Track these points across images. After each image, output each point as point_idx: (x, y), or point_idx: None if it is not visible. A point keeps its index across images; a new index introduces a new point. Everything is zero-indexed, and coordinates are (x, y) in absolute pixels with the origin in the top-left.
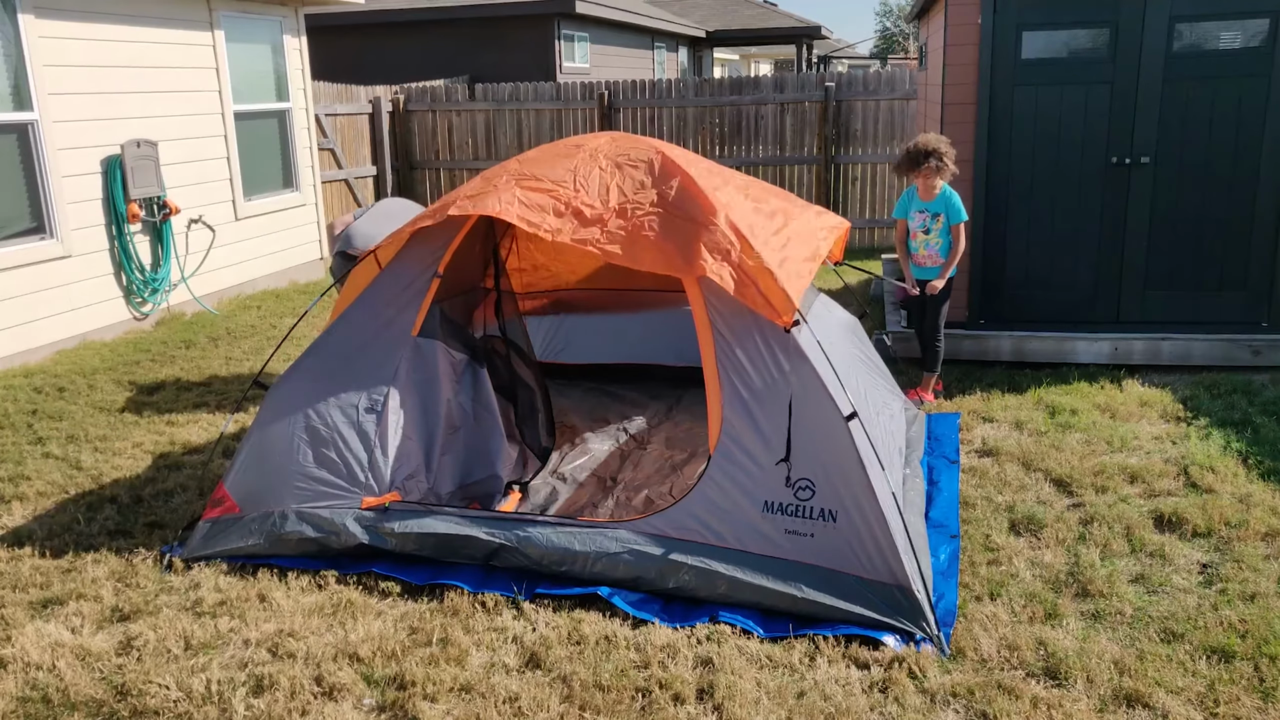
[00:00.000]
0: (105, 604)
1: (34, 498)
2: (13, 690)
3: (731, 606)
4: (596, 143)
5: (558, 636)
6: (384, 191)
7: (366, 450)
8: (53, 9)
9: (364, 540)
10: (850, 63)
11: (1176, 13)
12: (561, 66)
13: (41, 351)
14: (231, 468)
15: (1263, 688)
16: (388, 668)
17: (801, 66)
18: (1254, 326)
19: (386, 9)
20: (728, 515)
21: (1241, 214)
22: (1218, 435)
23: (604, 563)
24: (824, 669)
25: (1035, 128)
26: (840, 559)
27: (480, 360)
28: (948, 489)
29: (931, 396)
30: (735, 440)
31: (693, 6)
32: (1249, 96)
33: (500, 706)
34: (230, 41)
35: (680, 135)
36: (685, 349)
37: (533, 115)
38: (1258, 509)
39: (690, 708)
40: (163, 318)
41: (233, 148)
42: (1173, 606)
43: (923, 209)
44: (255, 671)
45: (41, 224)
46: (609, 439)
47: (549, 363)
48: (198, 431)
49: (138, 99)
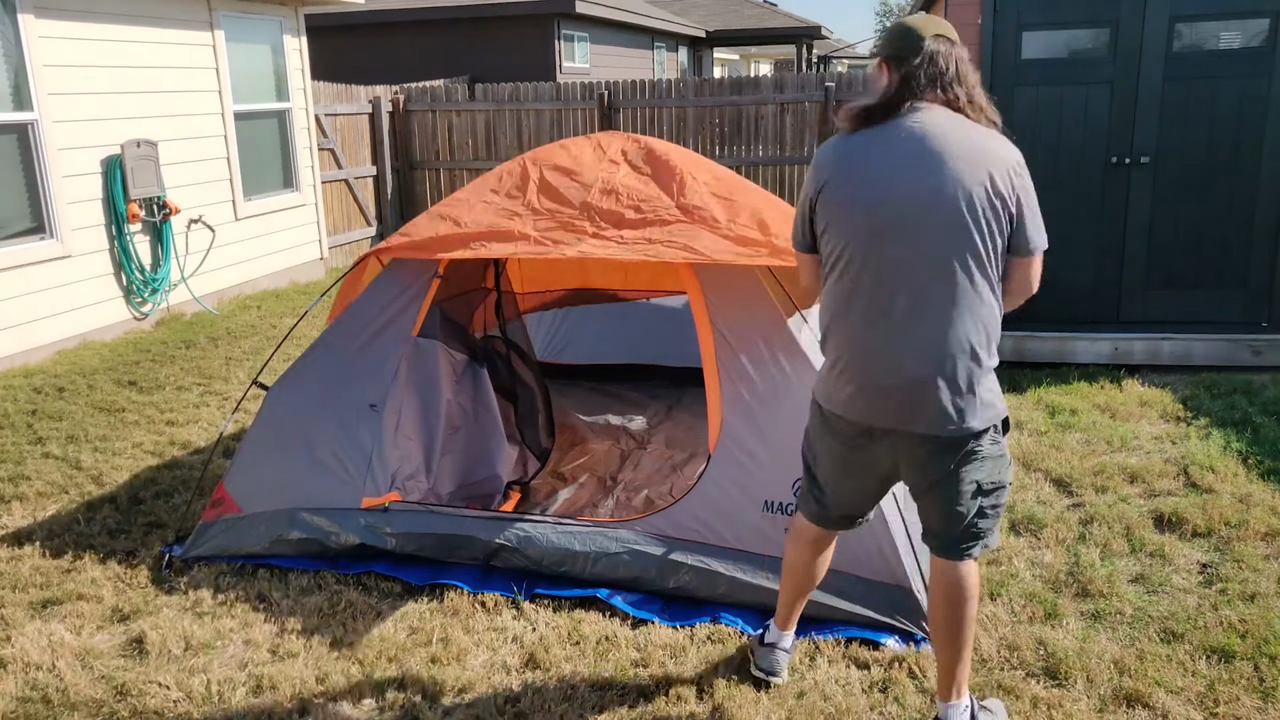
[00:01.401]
0: (105, 604)
1: (34, 498)
2: (13, 690)
3: (732, 606)
4: (610, 165)
5: (558, 636)
6: (384, 191)
7: (366, 450)
8: (53, 9)
9: (364, 540)
10: (850, 63)
11: (1176, 13)
12: (561, 66)
13: (41, 351)
14: (231, 468)
15: (1262, 688)
16: (388, 668)
17: (801, 66)
18: (1254, 326)
19: (386, 9)
20: (728, 515)
21: (1241, 214)
22: (1218, 435)
23: (604, 563)
24: (824, 669)
25: (1035, 128)
26: (840, 559)
27: (480, 360)
28: None
29: None
30: (735, 440)
31: (693, 6)
32: (1249, 96)
33: (500, 707)
34: (230, 41)
35: (680, 135)
36: (685, 349)
37: (533, 115)
38: (1258, 509)
39: (690, 707)
40: (163, 318)
41: (233, 148)
42: (1172, 606)
43: None
44: (255, 671)
45: (41, 224)
46: (609, 439)
47: (549, 362)
48: (198, 431)
49: (138, 99)
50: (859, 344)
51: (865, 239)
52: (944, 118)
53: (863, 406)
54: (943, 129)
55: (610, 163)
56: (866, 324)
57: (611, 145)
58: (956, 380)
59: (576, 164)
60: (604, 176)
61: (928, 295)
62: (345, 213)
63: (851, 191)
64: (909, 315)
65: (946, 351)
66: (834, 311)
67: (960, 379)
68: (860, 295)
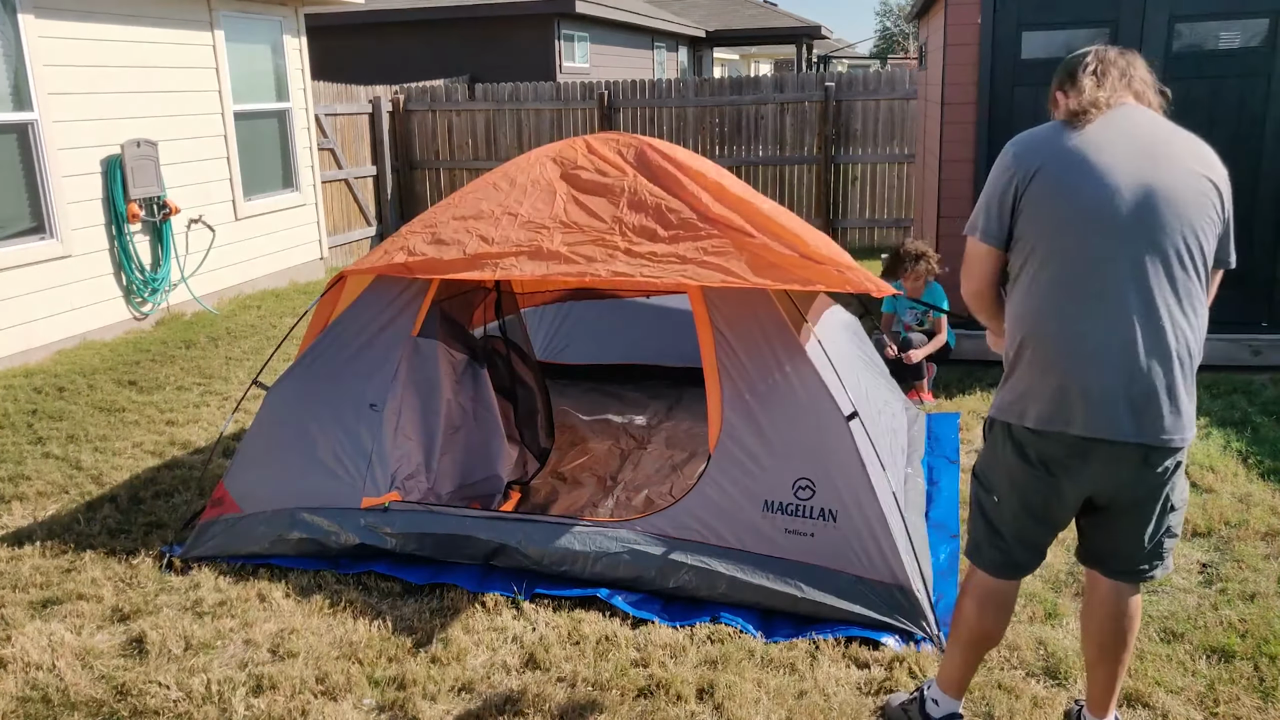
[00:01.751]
0: (105, 604)
1: (34, 498)
2: (13, 690)
3: (732, 606)
4: (626, 180)
5: (558, 636)
6: (384, 191)
7: (366, 450)
8: (53, 9)
9: (364, 540)
10: (850, 62)
11: (1176, 12)
12: (561, 66)
13: (41, 351)
14: (231, 468)
15: (1262, 687)
16: (388, 668)
17: (801, 66)
18: (1254, 326)
19: (386, 9)
20: (728, 515)
21: (1241, 213)
22: (1217, 435)
23: (604, 562)
24: (824, 669)
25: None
26: (840, 559)
27: (480, 360)
28: (948, 489)
29: (930, 396)
30: (735, 440)
31: (693, 6)
32: (1249, 96)
33: (500, 707)
34: (230, 41)
35: (680, 135)
36: (685, 349)
37: (533, 115)
38: (1257, 509)
39: (691, 707)
40: (163, 318)
41: (233, 147)
42: (1172, 606)
43: (911, 306)
44: (255, 671)
45: (41, 224)
46: (609, 439)
47: (549, 362)
48: (198, 431)
49: (137, 99)
50: (1079, 343)
51: (1094, 228)
52: (1155, 116)
53: (1083, 415)
54: (1166, 128)
55: (630, 168)
56: (1089, 320)
57: (629, 149)
58: (1176, 386)
59: (600, 170)
60: (629, 185)
61: (1157, 293)
62: (345, 213)
63: (1078, 180)
64: (1141, 313)
65: (1171, 355)
66: (1040, 310)
67: (1179, 385)
68: (1081, 289)
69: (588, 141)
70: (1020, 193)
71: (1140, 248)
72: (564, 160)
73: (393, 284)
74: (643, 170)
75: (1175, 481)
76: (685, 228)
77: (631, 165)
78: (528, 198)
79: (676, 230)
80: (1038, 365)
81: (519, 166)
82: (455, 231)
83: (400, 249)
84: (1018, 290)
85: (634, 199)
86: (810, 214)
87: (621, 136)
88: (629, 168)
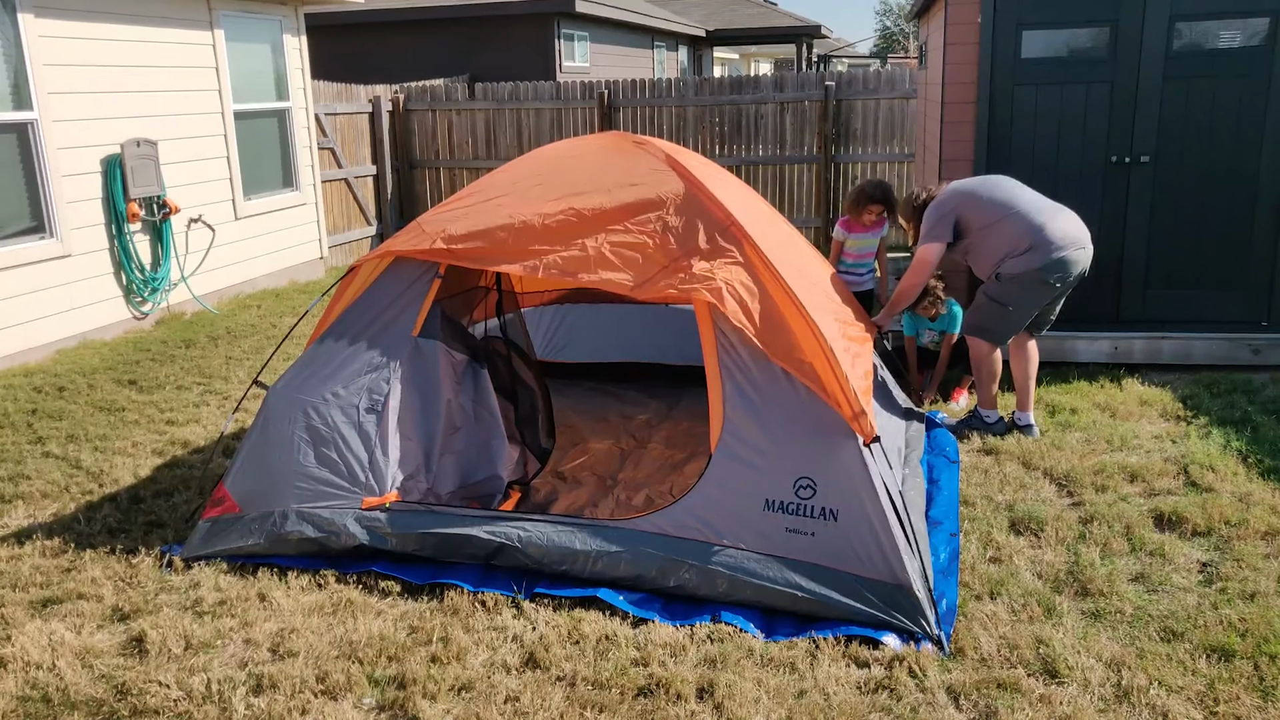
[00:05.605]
0: (105, 603)
1: (34, 497)
2: (13, 690)
3: (732, 605)
4: (662, 188)
5: (558, 635)
6: (384, 191)
7: (367, 450)
8: (53, 8)
9: (364, 540)
10: (850, 62)
11: (1176, 12)
12: (561, 66)
13: (41, 351)
14: (231, 467)
15: (1262, 686)
16: (388, 667)
17: (801, 66)
18: (1254, 326)
19: (386, 9)
20: (728, 514)
21: (1241, 213)
22: (1217, 434)
23: (604, 561)
24: (824, 668)
25: (1035, 127)
26: (841, 558)
27: (481, 360)
28: (948, 488)
29: (965, 392)
30: (736, 438)
31: (693, 6)
32: (1249, 96)
33: (500, 706)
34: (230, 41)
35: (680, 135)
36: (685, 348)
37: (533, 115)
38: (1257, 508)
39: (691, 706)
40: (163, 317)
41: (232, 147)
42: (1172, 605)
43: (929, 327)
44: (255, 671)
45: (41, 223)
46: (609, 438)
47: (549, 361)
48: (198, 431)
49: (138, 98)
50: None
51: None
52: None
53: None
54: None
55: (661, 173)
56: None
57: (658, 151)
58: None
59: (631, 175)
60: (661, 194)
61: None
62: (345, 212)
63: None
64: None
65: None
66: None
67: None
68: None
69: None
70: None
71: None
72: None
73: (394, 283)
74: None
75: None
76: (715, 244)
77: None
78: (560, 197)
79: (717, 244)
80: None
81: (577, 146)
82: (494, 225)
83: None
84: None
85: (677, 205)
86: (810, 213)
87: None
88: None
